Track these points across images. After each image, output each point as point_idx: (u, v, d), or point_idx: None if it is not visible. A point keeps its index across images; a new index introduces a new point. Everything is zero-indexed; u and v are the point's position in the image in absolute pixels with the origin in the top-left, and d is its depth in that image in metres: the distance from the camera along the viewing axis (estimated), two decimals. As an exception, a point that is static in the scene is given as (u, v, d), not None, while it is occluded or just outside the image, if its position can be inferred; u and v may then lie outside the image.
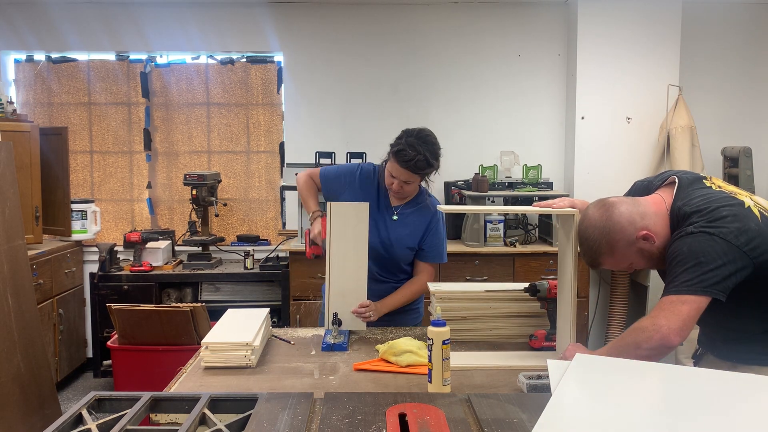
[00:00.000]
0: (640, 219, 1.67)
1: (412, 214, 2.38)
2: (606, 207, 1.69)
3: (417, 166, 2.19)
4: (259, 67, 4.57)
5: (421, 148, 2.18)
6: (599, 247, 1.68)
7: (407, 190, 2.30)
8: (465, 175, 4.39)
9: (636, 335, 1.57)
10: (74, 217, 4.18)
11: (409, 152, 2.17)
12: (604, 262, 1.72)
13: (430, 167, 2.23)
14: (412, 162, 2.18)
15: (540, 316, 2.12)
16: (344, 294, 2.21)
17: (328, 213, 2.20)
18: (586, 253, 1.73)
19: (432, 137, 2.27)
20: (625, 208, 1.67)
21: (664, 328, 1.52)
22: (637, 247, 1.67)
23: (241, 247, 4.39)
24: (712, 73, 4.49)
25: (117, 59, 4.55)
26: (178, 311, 3.08)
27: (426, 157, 2.19)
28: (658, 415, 1.29)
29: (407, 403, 1.42)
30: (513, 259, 3.96)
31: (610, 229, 1.66)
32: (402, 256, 2.40)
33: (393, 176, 2.25)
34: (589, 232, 1.70)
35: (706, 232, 1.55)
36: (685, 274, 1.54)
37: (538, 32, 4.49)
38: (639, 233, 1.65)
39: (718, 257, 1.52)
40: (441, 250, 2.42)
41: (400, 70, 4.49)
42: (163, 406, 1.43)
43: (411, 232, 2.37)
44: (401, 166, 2.20)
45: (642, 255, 1.70)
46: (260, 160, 4.62)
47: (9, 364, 2.97)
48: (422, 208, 2.39)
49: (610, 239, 1.66)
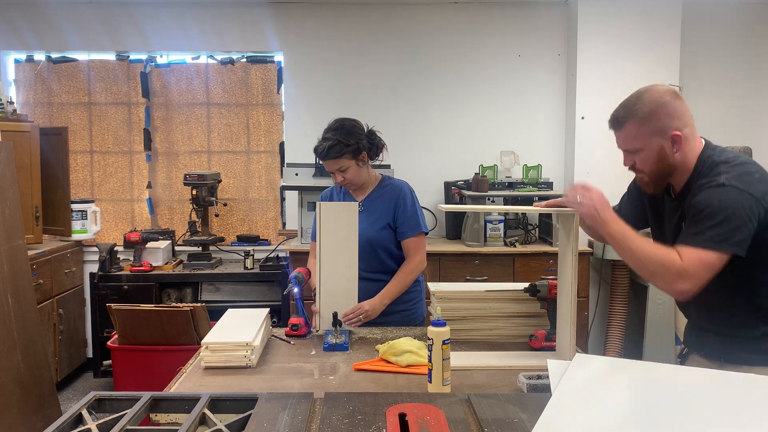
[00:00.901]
0: (688, 125, 1.69)
1: (377, 200, 2.45)
2: (675, 93, 1.73)
3: (333, 151, 2.29)
4: (259, 67, 4.57)
5: (331, 135, 2.30)
6: (639, 109, 1.69)
7: (350, 177, 2.36)
8: (465, 175, 4.40)
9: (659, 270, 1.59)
10: (74, 217, 4.18)
11: (322, 144, 2.31)
12: (629, 125, 1.72)
13: (348, 146, 2.29)
14: (325, 151, 2.30)
15: (540, 316, 2.12)
16: (335, 294, 2.21)
17: (318, 213, 2.21)
18: (624, 107, 1.74)
19: (345, 121, 2.37)
20: (685, 109, 1.70)
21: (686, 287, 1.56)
22: (661, 141, 1.68)
23: (241, 247, 4.39)
24: (712, 73, 4.49)
25: (117, 59, 4.55)
26: (178, 311, 3.08)
27: (338, 140, 2.28)
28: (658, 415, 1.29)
29: (407, 403, 1.42)
30: (513, 259, 3.96)
31: (665, 105, 1.67)
32: (379, 241, 2.40)
33: (331, 173, 2.37)
34: (647, 94, 1.71)
35: (737, 187, 1.57)
36: (714, 228, 1.56)
37: (538, 32, 4.49)
38: (675, 131, 1.66)
39: (746, 213, 1.55)
40: (417, 221, 2.42)
41: (400, 69, 4.50)
42: (163, 406, 1.43)
43: (380, 214, 2.41)
44: (322, 159, 2.34)
45: (658, 153, 1.69)
46: (260, 160, 4.62)
47: (9, 364, 2.97)
48: (386, 192, 2.44)
49: (656, 111, 1.67)
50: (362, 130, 2.38)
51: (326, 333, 2.14)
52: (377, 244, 2.40)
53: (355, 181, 2.40)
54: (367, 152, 2.38)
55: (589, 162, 4.34)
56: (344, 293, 2.22)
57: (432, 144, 4.53)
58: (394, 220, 2.41)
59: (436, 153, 4.53)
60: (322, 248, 2.22)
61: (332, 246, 2.22)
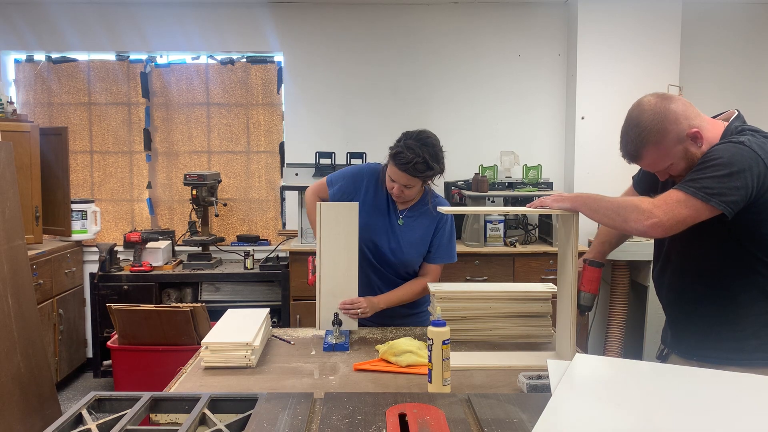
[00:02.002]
0: (694, 117, 1.64)
1: (419, 218, 2.33)
2: (664, 96, 1.65)
3: (416, 169, 2.11)
4: (259, 67, 4.57)
5: (419, 150, 2.11)
6: (648, 135, 1.62)
7: (408, 195, 2.23)
8: (465, 175, 4.39)
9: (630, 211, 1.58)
10: (74, 217, 4.18)
11: (408, 155, 2.10)
12: (647, 154, 1.66)
13: (430, 170, 2.15)
14: (410, 165, 2.11)
15: (540, 316, 2.12)
16: (336, 294, 2.21)
17: (318, 213, 2.20)
18: (632, 140, 1.66)
19: (433, 139, 2.19)
20: (682, 104, 1.65)
21: (656, 219, 1.53)
22: (683, 146, 1.63)
23: (241, 247, 4.39)
24: (712, 72, 4.49)
25: (117, 59, 4.55)
26: (178, 311, 3.08)
27: (425, 159, 2.11)
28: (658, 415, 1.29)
29: (407, 403, 1.42)
30: (513, 259, 3.96)
31: (665, 117, 1.62)
32: (412, 262, 2.36)
33: (393, 180, 2.19)
34: (642, 117, 1.63)
35: (755, 151, 1.53)
36: (712, 180, 1.53)
37: (538, 32, 4.49)
38: (690, 130, 1.62)
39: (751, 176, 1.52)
40: (448, 251, 2.36)
41: (400, 70, 4.50)
42: (163, 406, 1.43)
43: (420, 237, 2.32)
44: (400, 169, 2.13)
45: (685, 156, 1.64)
46: (260, 160, 4.62)
47: (9, 364, 2.97)
48: (427, 211, 2.32)
49: (662, 128, 1.61)
50: (443, 153, 2.21)
51: (326, 333, 2.14)
52: (409, 262, 2.35)
53: (412, 198, 2.30)
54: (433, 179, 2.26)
55: (589, 162, 4.34)
56: (345, 293, 2.22)
57: (432, 144, 4.52)
58: (429, 244, 2.34)
59: (436, 153, 4.52)
60: (322, 248, 2.22)
61: (332, 246, 2.22)
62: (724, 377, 1.52)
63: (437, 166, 2.17)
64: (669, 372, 1.51)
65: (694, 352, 1.75)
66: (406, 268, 2.38)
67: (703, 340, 1.74)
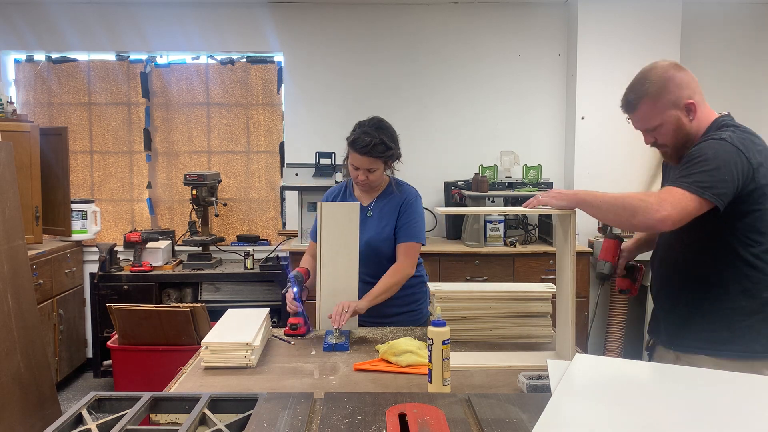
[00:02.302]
0: (696, 93, 1.75)
1: (386, 206, 2.40)
2: (677, 65, 1.77)
3: (376, 150, 2.23)
4: (259, 67, 4.57)
5: (376, 133, 2.24)
6: (650, 87, 1.73)
7: (373, 179, 2.31)
8: (465, 175, 4.39)
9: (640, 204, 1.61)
10: (74, 217, 4.18)
11: (365, 138, 2.23)
12: (643, 105, 1.75)
13: (389, 150, 2.26)
14: (368, 147, 2.22)
15: (540, 316, 2.12)
16: (336, 294, 2.21)
17: (319, 213, 2.21)
18: (632, 89, 1.77)
19: (386, 123, 2.31)
20: (690, 76, 1.76)
21: (665, 212, 1.58)
22: (677, 113, 1.73)
23: (241, 247, 4.39)
24: (712, 73, 4.48)
25: (117, 59, 4.55)
26: (178, 311, 3.08)
27: (382, 140, 2.23)
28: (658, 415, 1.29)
29: (407, 403, 1.42)
30: (513, 259, 3.96)
31: (671, 79, 1.73)
32: (385, 250, 2.38)
33: (356, 167, 2.28)
34: (651, 73, 1.75)
35: (735, 146, 1.63)
36: (702, 174, 1.60)
37: (538, 32, 4.49)
38: (688, 100, 1.72)
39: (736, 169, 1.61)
40: (415, 230, 2.36)
41: (400, 69, 4.50)
42: (163, 406, 1.43)
43: (387, 222, 2.38)
44: (360, 153, 2.24)
45: (676, 124, 1.74)
46: (260, 160, 4.62)
47: (9, 364, 2.97)
48: (394, 197, 2.40)
49: (664, 86, 1.72)
50: (397, 135, 2.35)
51: (326, 333, 2.14)
52: (382, 253, 2.38)
53: (376, 183, 2.37)
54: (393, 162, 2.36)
55: (589, 162, 4.34)
56: (345, 293, 2.22)
57: (432, 144, 4.53)
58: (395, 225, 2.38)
59: (436, 153, 4.53)
60: (322, 248, 2.22)
61: (333, 246, 2.22)
62: (723, 377, 1.52)
63: (394, 146, 2.29)
64: (669, 372, 1.51)
65: (674, 342, 1.81)
66: (380, 259, 2.37)
67: (681, 331, 1.79)
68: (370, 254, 2.35)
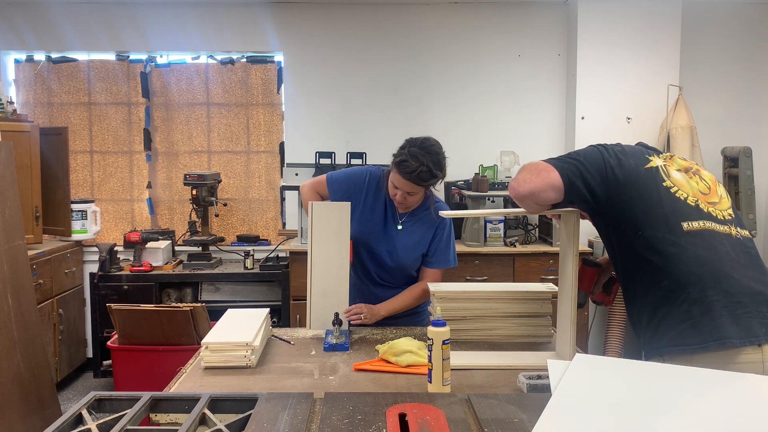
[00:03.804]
0: None
1: (418, 222, 2.33)
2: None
3: (420, 178, 2.12)
4: (259, 67, 4.57)
5: (424, 159, 2.10)
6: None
7: (411, 201, 2.24)
8: (465, 175, 4.39)
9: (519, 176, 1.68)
10: (74, 217, 4.18)
11: (412, 163, 2.09)
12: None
13: (434, 178, 2.15)
14: (414, 174, 2.10)
15: (540, 316, 2.12)
16: (326, 294, 2.21)
17: (310, 213, 2.20)
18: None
19: (437, 147, 2.18)
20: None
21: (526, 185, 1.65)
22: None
23: (241, 247, 4.39)
24: (712, 73, 4.49)
25: (117, 59, 4.55)
26: (178, 311, 3.08)
27: (429, 168, 2.11)
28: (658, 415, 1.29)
29: (407, 403, 1.42)
30: (513, 259, 3.96)
31: None
32: (409, 265, 2.37)
33: (396, 187, 2.19)
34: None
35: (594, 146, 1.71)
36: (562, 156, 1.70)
37: (538, 32, 4.49)
38: None
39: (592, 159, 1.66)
40: (447, 256, 2.36)
41: (400, 70, 4.50)
42: (163, 406, 1.43)
43: (418, 242, 2.32)
44: (404, 177, 2.13)
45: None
46: (260, 160, 4.62)
47: (9, 364, 2.97)
48: (427, 216, 2.33)
49: None
50: (445, 159, 2.21)
51: (326, 333, 2.14)
52: (407, 266, 2.37)
53: (413, 206, 2.30)
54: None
55: (589, 162, 4.33)
56: (335, 294, 2.22)
57: (432, 144, 4.52)
58: (428, 248, 2.34)
59: (436, 153, 4.52)
60: (313, 248, 2.22)
61: (324, 246, 2.22)
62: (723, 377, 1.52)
63: (440, 173, 2.17)
64: (668, 372, 1.51)
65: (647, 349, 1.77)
66: (403, 272, 2.38)
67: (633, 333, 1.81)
68: (392, 266, 2.35)
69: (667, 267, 1.58)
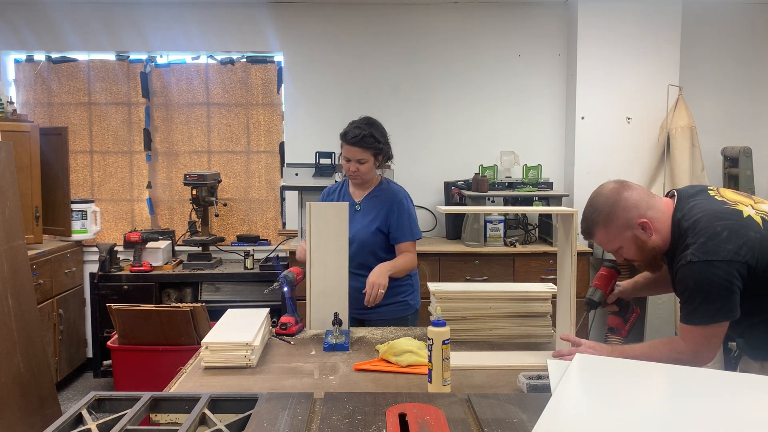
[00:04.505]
0: (647, 208, 1.72)
1: (373, 201, 2.55)
2: (622, 183, 1.76)
3: (365, 142, 2.41)
4: (259, 67, 4.57)
5: (366, 127, 2.44)
6: (598, 216, 1.73)
7: (364, 171, 2.47)
8: (465, 175, 4.39)
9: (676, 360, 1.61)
10: (74, 217, 4.18)
11: (355, 131, 2.43)
12: (597, 233, 1.76)
13: (378, 143, 2.45)
14: (359, 138, 2.41)
15: (540, 316, 2.12)
16: (325, 294, 2.22)
17: (308, 213, 2.22)
18: (585, 219, 1.79)
19: (376, 121, 2.52)
20: (638, 193, 1.73)
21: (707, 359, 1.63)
22: (632, 233, 1.72)
23: (241, 247, 4.39)
24: (712, 73, 4.49)
25: (117, 59, 4.55)
26: (178, 311, 3.08)
27: (371, 133, 2.43)
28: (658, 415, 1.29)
29: (407, 403, 1.42)
30: (513, 259, 3.96)
31: (616, 203, 1.71)
32: (370, 245, 2.49)
33: (348, 159, 2.46)
34: (597, 199, 1.76)
35: (704, 261, 1.59)
36: (702, 306, 1.61)
37: (538, 32, 4.49)
38: (639, 219, 1.70)
39: (723, 282, 1.58)
40: (410, 229, 2.53)
41: (400, 70, 4.49)
42: (163, 406, 1.43)
43: (374, 217, 2.50)
44: (350, 144, 2.42)
45: (635, 243, 1.74)
46: (260, 160, 4.62)
47: (9, 364, 2.97)
48: (383, 194, 2.55)
49: (612, 214, 1.71)
50: (386, 132, 2.55)
51: (326, 333, 2.14)
52: (368, 248, 2.49)
53: (366, 176, 2.52)
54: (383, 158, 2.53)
55: (589, 162, 4.34)
56: (335, 293, 2.22)
57: (432, 144, 4.53)
58: (387, 225, 2.50)
59: (436, 153, 4.53)
60: (312, 248, 2.22)
61: (323, 246, 2.23)
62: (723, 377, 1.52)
63: (383, 141, 2.48)
64: (668, 372, 1.51)
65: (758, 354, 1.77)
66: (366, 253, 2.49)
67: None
68: (356, 247, 2.46)
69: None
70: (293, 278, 2.31)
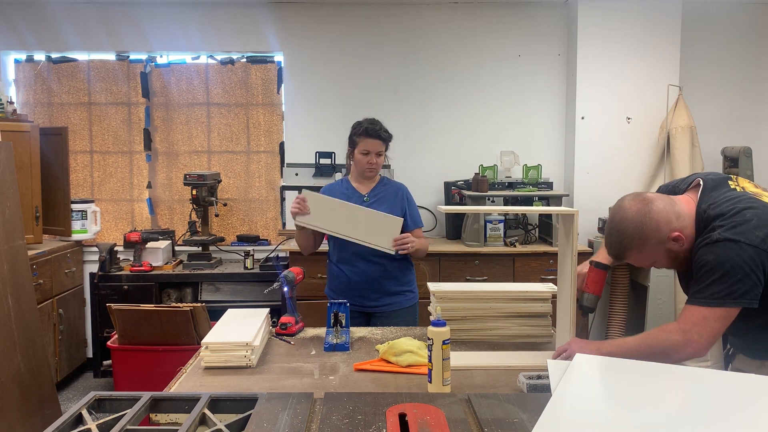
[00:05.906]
0: (675, 219, 1.64)
1: (382, 192, 2.73)
2: (645, 202, 1.64)
3: (383, 134, 2.65)
4: (259, 67, 4.57)
5: (377, 122, 2.69)
6: (630, 242, 1.64)
7: (380, 162, 2.70)
8: (465, 175, 4.40)
9: (666, 345, 1.57)
10: (74, 217, 4.18)
11: (374, 127, 2.65)
12: (630, 256, 1.69)
13: (390, 137, 2.70)
14: (381, 131, 2.64)
15: (540, 316, 2.12)
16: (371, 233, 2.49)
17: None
18: (614, 245, 1.69)
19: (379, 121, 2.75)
20: (662, 206, 1.64)
21: (696, 343, 1.54)
22: (666, 247, 1.65)
23: (241, 247, 4.39)
24: (712, 73, 4.49)
25: (117, 59, 4.55)
26: (178, 311, 3.08)
27: (383, 128, 2.68)
28: (658, 415, 1.29)
29: (407, 403, 1.42)
30: (513, 259, 3.96)
31: (646, 225, 1.62)
32: None
33: (366, 152, 2.65)
34: (624, 224, 1.65)
35: (731, 240, 1.53)
36: (713, 285, 1.53)
37: (538, 32, 4.49)
38: (672, 234, 1.63)
39: (746, 264, 1.51)
40: (419, 217, 2.80)
41: (400, 70, 4.50)
42: (163, 406, 1.43)
43: (389, 206, 2.68)
44: (372, 137, 2.63)
45: (668, 255, 1.67)
46: (260, 160, 4.62)
47: (9, 364, 2.97)
48: (388, 187, 2.76)
49: (643, 236, 1.63)
50: None
51: (327, 333, 2.14)
52: None
53: (379, 168, 2.73)
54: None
55: (589, 162, 4.34)
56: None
57: (432, 144, 4.53)
58: (402, 213, 2.68)
59: (436, 153, 4.53)
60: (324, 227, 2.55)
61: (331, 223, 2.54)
62: (723, 377, 1.52)
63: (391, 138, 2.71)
64: (668, 372, 1.51)
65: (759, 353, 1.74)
66: None
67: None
68: None
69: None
70: (293, 278, 2.32)
